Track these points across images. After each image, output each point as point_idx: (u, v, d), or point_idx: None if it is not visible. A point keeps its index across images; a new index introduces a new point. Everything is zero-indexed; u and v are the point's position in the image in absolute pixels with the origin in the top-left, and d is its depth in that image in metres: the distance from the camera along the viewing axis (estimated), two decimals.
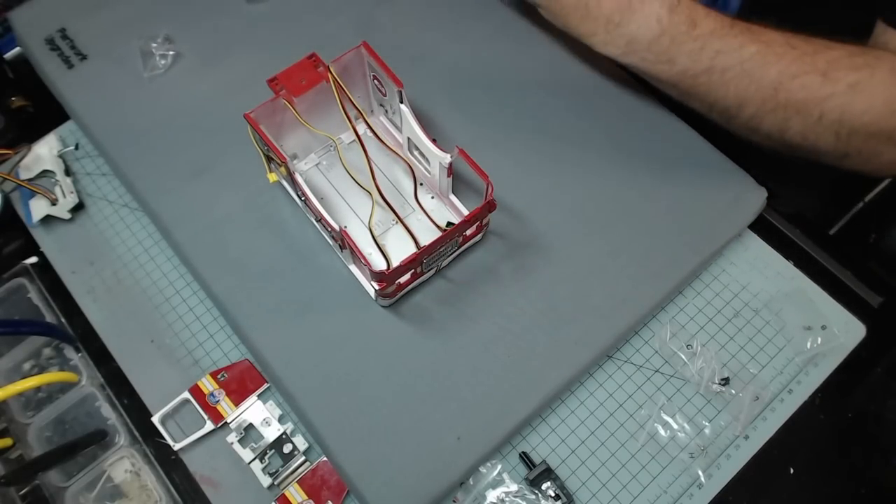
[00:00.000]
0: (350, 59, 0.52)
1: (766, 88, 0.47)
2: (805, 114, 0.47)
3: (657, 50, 0.47)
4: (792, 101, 0.47)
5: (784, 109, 0.47)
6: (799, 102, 0.47)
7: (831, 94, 0.46)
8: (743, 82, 0.47)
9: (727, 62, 0.47)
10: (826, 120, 0.47)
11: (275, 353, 0.50)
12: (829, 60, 0.47)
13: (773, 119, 0.48)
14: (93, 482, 0.50)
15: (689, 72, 0.47)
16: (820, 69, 0.46)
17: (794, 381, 0.52)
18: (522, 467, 0.49)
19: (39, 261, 0.58)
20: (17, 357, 0.54)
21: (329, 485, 0.48)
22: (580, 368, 0.50)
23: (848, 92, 0.46)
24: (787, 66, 0.46)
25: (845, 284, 0.55)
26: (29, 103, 0.65)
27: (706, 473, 0.49)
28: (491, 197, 0.47)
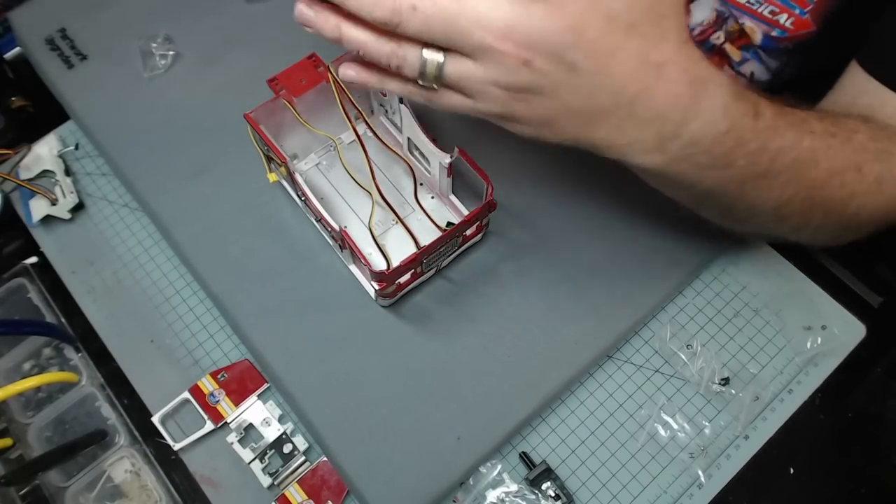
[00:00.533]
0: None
1: (807, 189, 0.40)
2: (831, 209, 0.42)
3: (718, 152, 0.36)
4: (828, 200, 0.41)
5: (819, 207, 0.42)
6: (833, 202, 0.42)
7: (861, 191, 0.42)
8: (791, 185, 0.40)
9: (783, 163, 0.38)
10: (846, 213, 0.43)
11: (275, 353, 0.50)
12: (859, 149, 0.41)
13: (801, 215, 0.42)
14: (93, 482, 0.50)
15: (742, 177, 0.38)
16: (856, 162, 0.41)
17: (794, 381, 0.52)
18: (522, 467, 0.49)
19: (39, 261, 0.58)
20: (17, 357, 0.54)
21: (329, 485, 0.48)
22: (580, 368, 0.50)
23: (873, 185, 0.42)
24: (832, 161, 0.40)
25: (845, 284, 0.55)
26: (29, 103, 0.65)
27: (706, 473, 0.49)
28: (491, 197, 0.47)
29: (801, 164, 0.39)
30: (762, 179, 0.39)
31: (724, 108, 0.35)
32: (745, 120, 0.36)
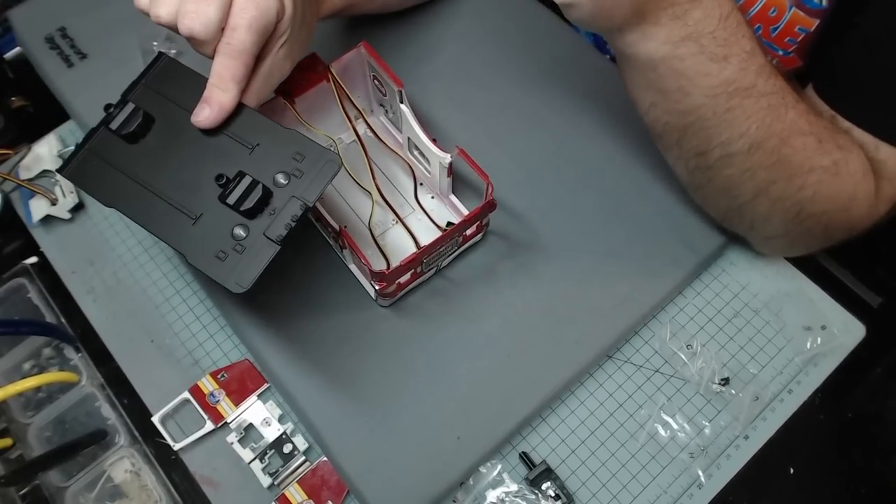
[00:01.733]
0: (350, 59, 0.52)
1: (777, 135, 0.43)
2: (790, 180, 0.45)
3: (722, 36, 0.40)
4: (789, 159, 0.44)
5: (778, 167, 0.45)
6: (793, 165, 0.44)
7: (819, 166, 0.44)
8: (766, 117, 0.43)
9: (765, 87, 0.42)
10: (802, 194, 0.46)
11: (275, 353, 0.50)
12: (823, 128, 0.45)
13: (763, 176, 0.45)
14: (93, 482, 0.50)
15: (734, 83, 0.41)
16: (817, 134, 0.44)
17: (794, 381, 0.52)
18: (522, 467, 0.49)
19: (39, 261, 0.58)
20: (17, 357, 0.54)
21: (329, 485, 0.48)
22: (580, 368, 0.50)
23: (829, 170, 0.45)
24: (797, 116, 0.43)
25: (845, 284, 0.55)
26: (29, 103, 0.65)
27: (706, 473, 0.49)
28: (491, 197, 0.47)
29: (774, 99, 0.42)
30: (744, 97, 0.42)
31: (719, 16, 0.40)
32: (738, 16, 0.41)
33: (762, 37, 0.56)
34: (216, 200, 0.41)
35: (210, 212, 0.41)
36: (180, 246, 0.40)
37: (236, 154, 0.42)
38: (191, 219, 0.41)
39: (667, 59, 0.41)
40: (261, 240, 0.40)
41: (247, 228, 0.40)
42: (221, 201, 0.41)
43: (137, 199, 0.42)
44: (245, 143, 0.42)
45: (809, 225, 0.48)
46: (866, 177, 0.46)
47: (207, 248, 0.40)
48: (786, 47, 0.56)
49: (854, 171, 0.46)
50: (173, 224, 0.41)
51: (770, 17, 0.55)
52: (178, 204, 0.41)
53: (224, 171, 0.41)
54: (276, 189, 0.41)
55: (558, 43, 0.63)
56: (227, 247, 0.40)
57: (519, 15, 0.64)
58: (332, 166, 0.41)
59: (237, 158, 0.41)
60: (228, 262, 0.40)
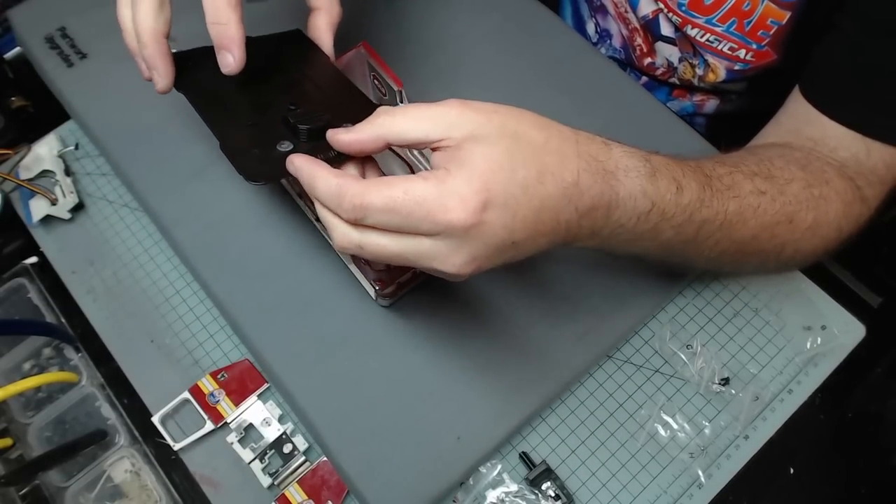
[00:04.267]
0: (350, 59, 0.52)
1: (741, 243, 0.44)
2: (765, 256, 0.46)
3: (644, 228, 0.39)
4: (761, 249, 0.45)
5: (751, 256, 0.46)
6: (765, 251, 0.46)
7: (794, 238, 0.45)
8: (722, 243, 0.43)
9: (710, 229, 0.41)
10: (782, 259, 0.47)
11: (275, 353, 0.50)
12: (792, 201, 0.44)
13: (736, 264, 0.47)
14: (93, 482, 0.50)
15: (671, 244, 0.41)
16: (788, 214, 0.44)
17: (794, 381, 0.52)
18: (522, 467, 0.49)
19: (39, 261, 0.58)
20: (17, 357, 0.54)
21: (329, 485, 0.48)
22: (580, 368, 0.50)
23: (806, 233, 0.45)
24: (761, 219, 0.43)
25: (845, 284, 0.55)
26: (29, 103, 0.65)
27: (706, 473, 0.49)
28: None
29: (728, 227, 0.42)
30: (691, 244, 0.42)
31: (642, 191, 0.37)
32: (668, 196, 0.38)
33: (736, 31, 0.56)
34: (279, 119, 0.41)
35: (268, 123, 0.41)
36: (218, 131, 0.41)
37: (320, 101, 0.43)
38: (248, 121, 0.42)
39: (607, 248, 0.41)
40: None
41: (291, 146, 0.39)
42: (285, 118, 0.41)
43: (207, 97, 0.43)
44: (331, 99, 0.43)
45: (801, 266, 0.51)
46: (850, 205, 0.47)
47: (245, 141, 0.40)
48: (759, 41, 0.56)
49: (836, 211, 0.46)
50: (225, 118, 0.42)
51: (744, 11, 0.55)
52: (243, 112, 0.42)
53: (300, 103, 0.42)
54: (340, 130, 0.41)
55: (558, 43, 0.63)
56: (265, 148, 0.39)
57: (519, 15, 0.64)
58: None
59: (319, 102, 0.43)
60: (255, 157, 0.39)
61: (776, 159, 0.46)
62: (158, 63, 0.43)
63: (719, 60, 0.60)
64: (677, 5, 0.59)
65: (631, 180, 0.37)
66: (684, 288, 0.55)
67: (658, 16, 0.62)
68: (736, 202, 0.42)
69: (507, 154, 0.33)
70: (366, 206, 0.32)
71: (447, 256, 0.33)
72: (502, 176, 0.32)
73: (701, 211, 0.40)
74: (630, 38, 0.67)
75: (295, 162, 0.36)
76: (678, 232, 0.40)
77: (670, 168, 0.39)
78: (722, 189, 0.41)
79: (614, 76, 0.61)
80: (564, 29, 0.64)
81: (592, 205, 0.36)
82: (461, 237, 0.32)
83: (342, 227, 0.34)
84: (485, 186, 0.32)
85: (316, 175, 0.34)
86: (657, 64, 0.66)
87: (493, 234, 0.33)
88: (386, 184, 0.32)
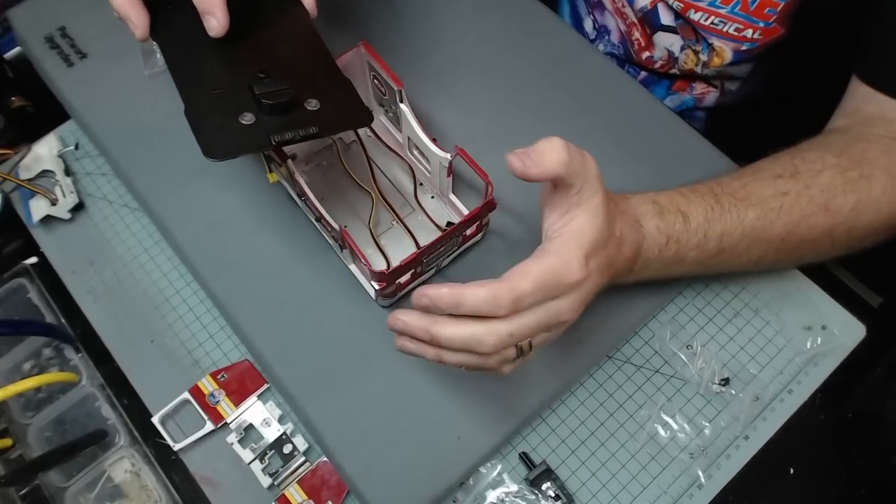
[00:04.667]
0: (350, 58, 0.52)
1: (777, 241, 0.47)
2: (817, 245, 0.49)
3: (668, 256, 0.46)
4: (804, 240, 0.48)
5: (798, 249, 0.49)
6: (810, 241, 0.48)
7: (838, 222, 0.47)
8: (755, 248, 0.47)
9: (733, 240, 0.47)
10: (837, 242, 0.49)
11: (275, 353, 0.50)
12: (825, 189, 0.47)
13: (789, 258, 0.50)
14: (93, 482, 0.50)
15: (700, 260, 0.47)
16: (820, 204, 0.47)
17: (794, 381, 0.52)
18: (522, 467, 0.49)
19: (39, 261, 0.58)
20: (17, 357, 0.54)
21: (329, 485, 0.48)
22: (580, 368, 0.50)
23: (850, 214, 0.47)
24: (788, 217, 0.47)
25: (845, 284, 0.55)
26: (29, 103, 0.65)
27: (706, 473, 0.49)
28: (491, 196, 0.47)
29: (753, 232, 0.47)
30: (722, 255, 0.47)
31: (657, 229, 0.45)
32: (677, 226, 0.45)
33: (741, 11, 0.57)
34: (247, 86, 0.42)
35: (235, 90, 0.42)
36: (186, 94, 0.41)
37: (290, 69, 0.43)
38: (213, 86, 0.42)
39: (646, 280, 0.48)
40: (259, 131, 0.41)
41: (253, 119, 0.41)
42: (251, 88, 0.41)
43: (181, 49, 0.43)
44: (302, 67, 0.44)
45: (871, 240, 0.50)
46: None
47: (209, 109, 0.41)
48: (766, 18, 0.56)
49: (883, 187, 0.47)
50: (194, 79, 0.42)
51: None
52: (213, 69, 0.42)
53: (271, 70, 0.42)
54: (302, 108, 0.42)
55: (558, 42, 0.63)
56: (228, 119, 0.40)
57: (518, 14, 0.64)
58: (361, 119, 0.44)
59: (288, 70, 0.43)
60: (216, 128, 0.40)
61: (809, 153, 0.48)
62: (129, 10, 0.43)
63: (725, 42, 0.60)
64: None
65: (648, 222, 0.45)
66: (684, 288, 0.55)
67: (657, 5, 0.62)
68: (755, 209, 0.46)
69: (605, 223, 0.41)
70: (520, 296, 0.37)
71: (571, 307, 0.40)
72: (601, 241, 0.41)
73: (714, 227, 0.46)
74: (628, 32, 0.67)
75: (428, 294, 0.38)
76: (701, 251, 0.46)
77: (675, 202, 0.46)
78: (735, 202, 0.46)
79: (613, 75, 0.61)
80: (564, 28, 0.64)
81: (631, 250, 0.44)
82: (579, 289, 0.40)
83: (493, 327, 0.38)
84: (589, 251, 0.40)
85: (463, 295, 0.37)
86: (656, 57, 0.66)
87: (593, 281, 0.41)
88: (525, 271, 0.38)
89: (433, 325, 0.39)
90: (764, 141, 0.51)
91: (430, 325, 0.39)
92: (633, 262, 0.45)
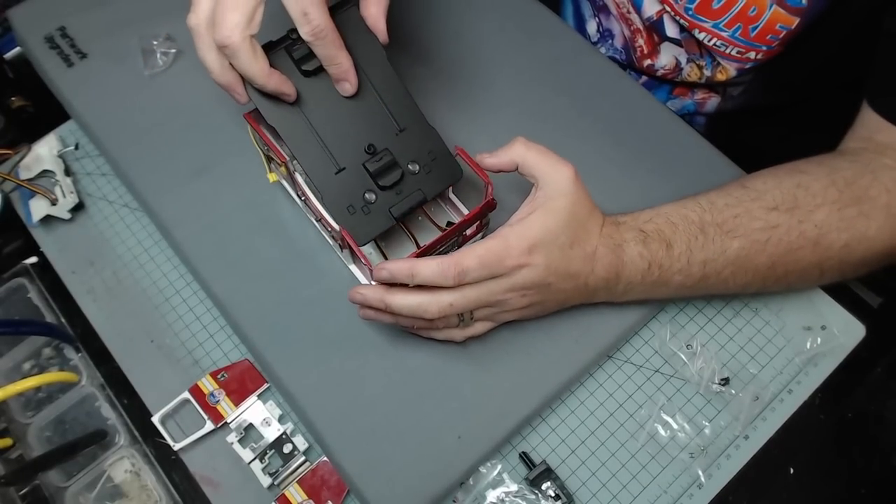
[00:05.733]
0: None
1: (763, 270, 0.48)
2: (805, 276, 0.49)
3: (651, 281, 0.47)
4: (790, 271, 0.48)
5: (785, 278, 0.49)
6: (797, 272, 0.49)
7: (828, 257, 0.48)
8: (740, 275, 0.48)
9: (717, 266, 0.47)
10: (828, 273, 0.49)
11: (275, 353, 0.50)
12: (819, 225, 0.47)
13: (778, 285, 0.50)
14: (93, 482, 0.50)
15: (686, 285, 0.48)
16: (811, 239, 0.47)
17: (794, 381, 0.52)
18: (522, 467, 0.49)
19: (39, 261, 0.58)
20: (17, 357, 0.54)
21: (329, 485, 0.48)
22: (580, 368, 0.50)
23: (842, 251, 0.47)
24: (775, 249, 0.47)
25: (845, 284, 0.55)
26: (29, 103, 0.65)
27: (706, 473, 0.49)
28: (491, 197, 0.47)
29: (737, 260, 0.47)
30: (708, 280, 0.48)
31: (639, 255, 0.47)
32: (660, 253, 0.47)
33: (741, 37, 0.57)
34: (359, 163, 0.46)
35: (352, 169, 0.46)
36: (322, 189, 0.46)
37: (387, 128, 0.47)
38: (335, 167, 0.46)
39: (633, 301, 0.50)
40: (384, 210, 0.46)
41: (375, 196, 0.46)
42: (364, 166, 0.46)
43: (295, 127, 0.46)
44: (397, 122, 0.47)
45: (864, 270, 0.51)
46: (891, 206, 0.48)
47: (342, 199, 0.46)
48: (768, 43, 0.56)
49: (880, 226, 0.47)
50: (319, 164, 0.46)
51: (750, 17, 0.56)
52: (329, 150, 0.46)
53: (374, 142, 0.46)
54: (406, 173, 0.47)
55: (558, 42, 0.63)
56: (357, 205, 0.46)
57: (519, 15, 0.64)
58: (454, 175, 0.48)
59: (386, 133, 0.47)
60: (354, 218, 0.46)
61: (815, 183, 0.48)
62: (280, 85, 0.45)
63: (730, 63, 0.60)
64: (684, 9, 0.59)
65: (630, 248, 0.47)
66: None
67: (662, 17, 0.62)
68: (740, 241, 0.47)
69: (559, 225, 0.44)
70: (464, 270, 0.42)
71: (507, 288, 0.44)
72: (549, 238, 0.44)
73: (696, 255, 0.47)
74: (632, 38, 0.67)
75: (387, 268, 0.43)
76: (685, 276, 0.48)
77: (661, 232, 0.47)
78: (721, 234, 0.47)
79: (614, 76, 0.61)
80: (564, 29, 0.64)
81: (606, 269, 0.46)
82: (517, 273, 0.44)
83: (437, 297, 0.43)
84: (533, 244, 0.44)
85: (417, 267, 0.42)
86: (657, 66, 0.66)
87: (536, 274, 0.44)
88: (472, 249, 0.43)
89: (386, 295, 0.44)
90: (765, 147, 0.51)
91: (384, 296, 0.44)
92: (612, 283, 0.47)
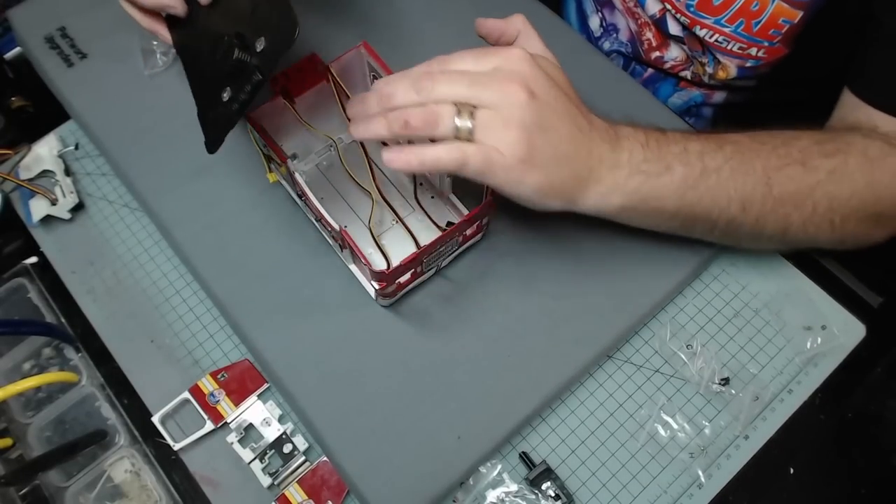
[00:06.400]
0: (350, 59, 0.52)
1: (759, 183, 0.46)
2: (800, 207, 0.47)
3: (652, 157, 0.45)
4: (785, 193, 0.47)
5: (782, 205, 0.47)
6: (791, 195, 0.47)
7: (816, 181, 0.47)
8: (738, 179, 0.46)
9: (714, 162, 0.46)
10: (819, 210, 0.48)
11: (275, 353, 0.50)
12: (801, 149, 0.47)
13: (775, 218, 0.48)
14: (93, 482, 0.50)
15: (689, 178, 0.45)
16: (797, 159, 0.47)
17: (794, 381, 0.52)
18: (522, 467, 0.49)
19: (39, 261, 0.58)
20: (17, 357, 0.54)
21: (329, 485, 0.48)
22: (580, 368, 0.50)
23: (830, 179, 0.47)
24: (766, 160, 0.46)
25: (845, 284, 0.55)
26: (29, 103, 0.65)
27: (706, 473, 0.49)
28: (491, 197, 0.47)
29: (734, 160, 0.46)
30: (705, 177, 0.46)
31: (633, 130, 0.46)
32: (654, 132, 0.46)
33: (744, 32, 0.57)
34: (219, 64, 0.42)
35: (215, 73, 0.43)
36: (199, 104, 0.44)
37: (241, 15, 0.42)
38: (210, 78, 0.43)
39: (627, 201, 0.45)
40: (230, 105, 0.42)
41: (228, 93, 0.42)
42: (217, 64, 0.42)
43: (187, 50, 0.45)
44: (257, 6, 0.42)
45: (852, 224, 0.49)
46: (880, 159, 0.47)
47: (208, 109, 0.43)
48: (770, 39, 0.57)
49: (859, 164, 0.47)
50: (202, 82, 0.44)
51: (752, 12, 0.56)
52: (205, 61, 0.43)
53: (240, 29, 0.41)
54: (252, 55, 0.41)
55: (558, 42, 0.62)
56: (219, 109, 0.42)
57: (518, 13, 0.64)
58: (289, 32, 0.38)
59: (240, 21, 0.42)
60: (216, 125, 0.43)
61: (782, 132, 0.48)
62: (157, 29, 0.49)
63: (730, 59, 0.60)
64: (685, 6, 0.59)
65: (623, 128, 0.46)
66: (684, 288, 0.55)
67: (665, 15, 0.62)
68: (732, 145, 0.46)
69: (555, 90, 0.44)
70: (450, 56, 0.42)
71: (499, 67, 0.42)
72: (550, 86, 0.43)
73: (693, 144, 0.46)
74: (639, 32, 0.67)
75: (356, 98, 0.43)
76: (685, 165, 0.45)
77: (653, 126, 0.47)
78: (710, 137, 0.47)
79: (614, 75, 0.61)
80: (565, 28, 0.64)
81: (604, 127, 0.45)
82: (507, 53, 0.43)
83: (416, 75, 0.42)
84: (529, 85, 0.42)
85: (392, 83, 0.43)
86: (667, 58, 0.66)
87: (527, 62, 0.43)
88: None
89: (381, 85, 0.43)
90: None
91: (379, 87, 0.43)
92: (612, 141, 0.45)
